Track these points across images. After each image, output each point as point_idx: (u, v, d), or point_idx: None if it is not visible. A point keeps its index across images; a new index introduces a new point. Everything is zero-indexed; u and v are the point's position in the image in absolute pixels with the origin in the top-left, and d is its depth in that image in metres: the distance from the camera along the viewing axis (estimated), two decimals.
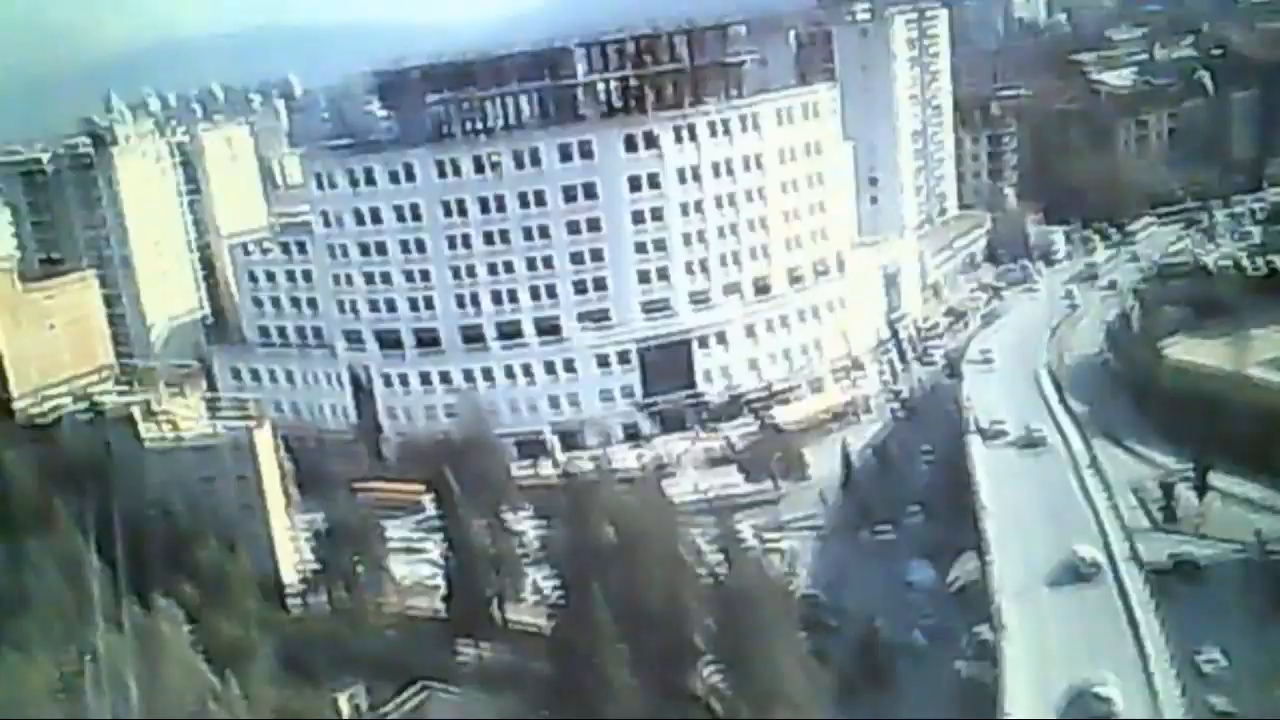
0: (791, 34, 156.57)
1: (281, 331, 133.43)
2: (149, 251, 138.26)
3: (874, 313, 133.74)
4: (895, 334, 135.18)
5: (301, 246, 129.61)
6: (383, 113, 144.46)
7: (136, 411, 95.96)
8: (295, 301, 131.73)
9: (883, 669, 69.89)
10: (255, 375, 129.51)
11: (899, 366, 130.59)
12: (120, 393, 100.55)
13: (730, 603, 65.05)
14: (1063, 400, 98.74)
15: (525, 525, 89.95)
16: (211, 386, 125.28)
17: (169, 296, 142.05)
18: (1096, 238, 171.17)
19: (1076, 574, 67.27)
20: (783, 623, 64.05)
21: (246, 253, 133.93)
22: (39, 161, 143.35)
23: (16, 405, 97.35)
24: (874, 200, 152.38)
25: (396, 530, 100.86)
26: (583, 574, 69.28)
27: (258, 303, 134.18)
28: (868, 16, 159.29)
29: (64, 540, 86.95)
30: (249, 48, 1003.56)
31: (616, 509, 73.17)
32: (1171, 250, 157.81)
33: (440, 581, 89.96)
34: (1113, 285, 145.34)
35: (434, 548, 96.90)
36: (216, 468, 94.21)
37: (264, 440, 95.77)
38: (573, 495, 79.76)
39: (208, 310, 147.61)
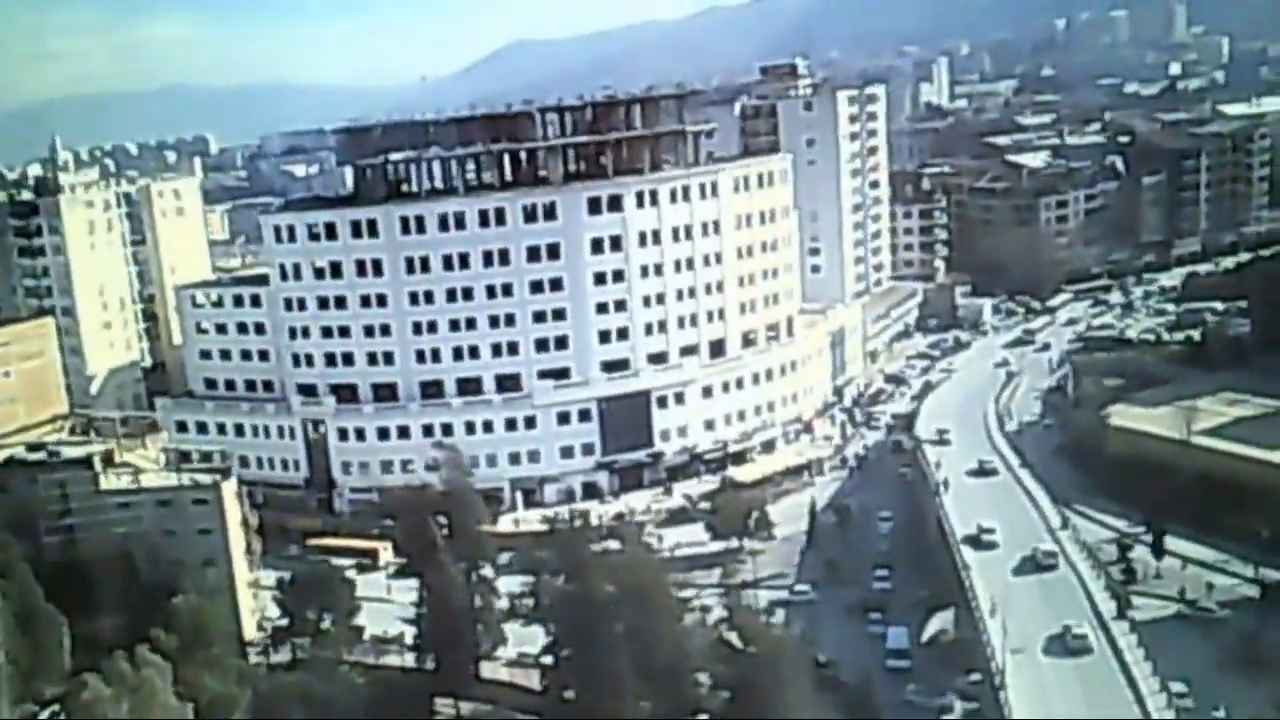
0: (737, 105, 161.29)
1: (229, 384, 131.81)
2: (92, 301, 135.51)
3: (821, 377, 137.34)
4: (842, 398, 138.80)
5: (255, 299, 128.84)
6: (307, 170, 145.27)
7: (97, 461, 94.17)
8: (246, 353, 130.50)
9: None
10: (203, 427, 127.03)
11: (849, 430, 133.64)
12: (78, 442, 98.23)
13: (753, 667, 65.58)
14: (1025, 465, 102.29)
15: (501, 579, 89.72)
16: None
17: (110, 347, 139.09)
18: (1021, 310, 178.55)
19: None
20: (803, 685, 64.91)
21: (195, 304, 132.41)
22: None
23: None
24: (815, 269, 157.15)
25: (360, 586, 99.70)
26: (582, 628, 69.51)
27: (205, 354, 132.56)
28: (810, 91, 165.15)
29: (20, 590, 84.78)
30: (162, 104, 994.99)
31: (613, 562, 73.83)
32: (1095, 324, 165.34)
33: (410, 637, 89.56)
34: (1046, 347, 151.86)
35: (398, 602, 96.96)
36: (179, 520, 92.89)
37: (230, 492, 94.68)
38: (561, 547, 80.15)
39: (148, 362, 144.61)
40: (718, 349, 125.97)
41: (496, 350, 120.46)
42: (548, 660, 79.94)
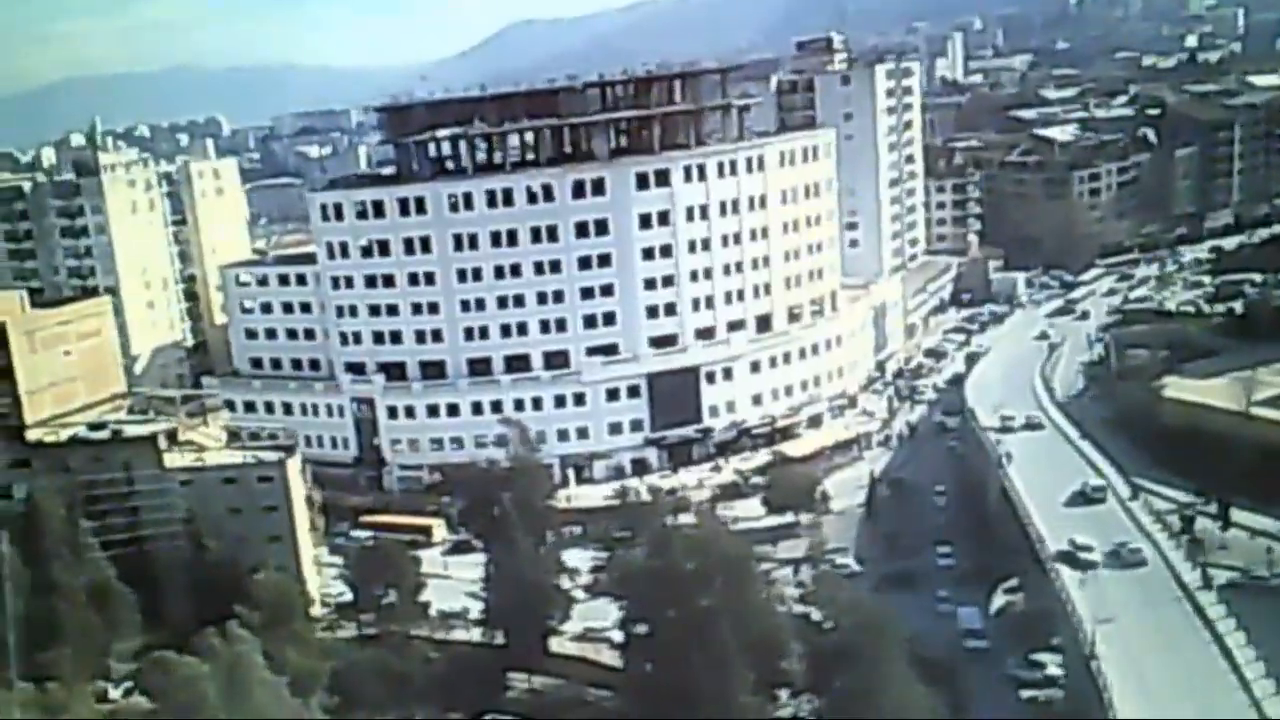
0: (773, 80, 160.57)
1: (275, 363, 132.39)
2: (135, 281, 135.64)
3: (865, 351, 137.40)
4: (884, 373, 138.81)
5: (301, 278, 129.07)
6: (320, 150, 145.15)
7: (162, 439, 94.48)
8: (291, 332, 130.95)
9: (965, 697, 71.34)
10: (250, 406, 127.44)
11: (895, 404, 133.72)
12: (140, 420, 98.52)
13: (846, 640, 65.63)
14: (1086, 437, 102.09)
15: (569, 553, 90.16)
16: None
17: (153, 326, 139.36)
18: (1055, 284, 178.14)
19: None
20: (897, 659, 65.00)
21: (241, 284, 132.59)
22: (18, 190, 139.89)
23: (31, 434, 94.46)
24: (853, 244, 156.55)
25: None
26: (665, 603, 69.66)
27: (250, 333, 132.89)
28: (844, 66, 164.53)
29: (91, 568, 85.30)
30: (167, 87, 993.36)
31: (699, 535, 74.01)
32: (1132, 297, 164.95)
33: (476, 612, 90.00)
34: (1085, 316, 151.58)
35: (455, 578, 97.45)
36: (244, 497, 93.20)
37: (294, 469, 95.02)
38: (636, 521, 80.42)
39: (190, 341, 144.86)
40: (764, 324, 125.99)
41: (545, 327, 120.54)
42: (618, 636, 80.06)
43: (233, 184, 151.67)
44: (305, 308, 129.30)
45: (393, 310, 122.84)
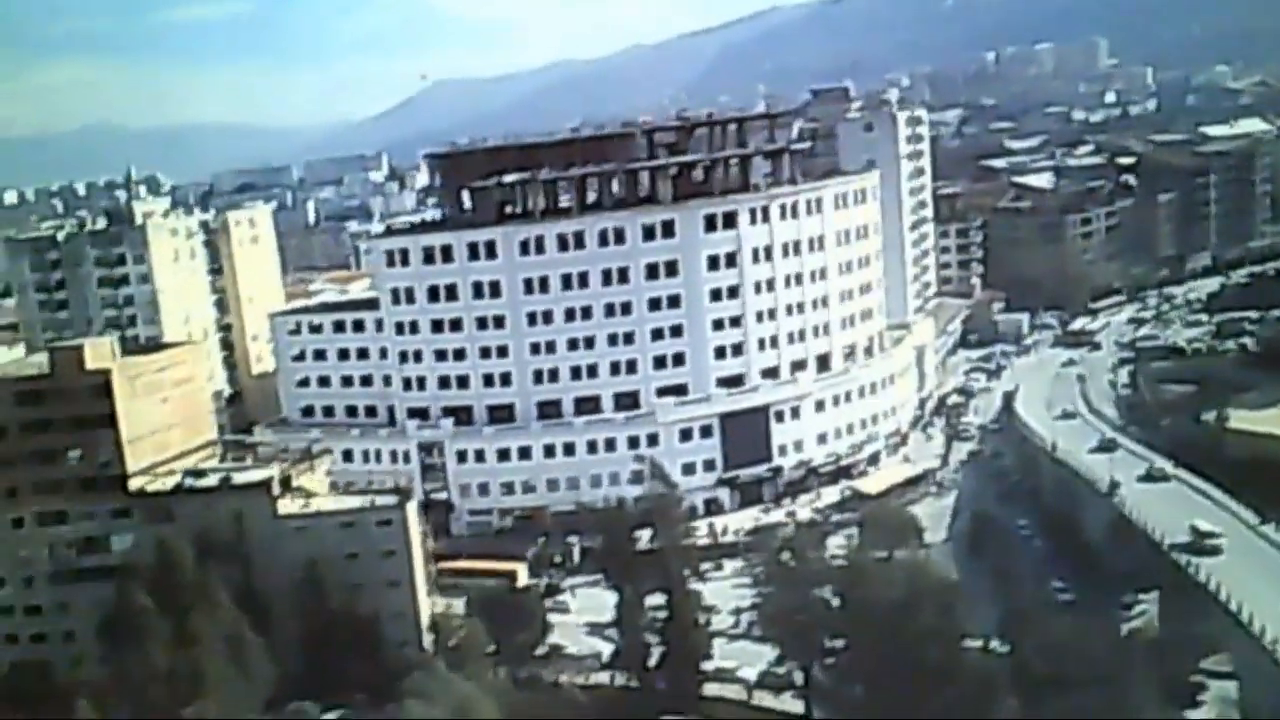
0: (794, 127, 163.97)
1: (327, 410, 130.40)
2: (178, 331, 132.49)
3: (911, 390, 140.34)
4: (937, 409, 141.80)
5: (357, 324, 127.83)
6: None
7: (275, 486, 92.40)
8: (347, 379, 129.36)
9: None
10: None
11: (949, 440, 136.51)
12: (245, 467, 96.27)
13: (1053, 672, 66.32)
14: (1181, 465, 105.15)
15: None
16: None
17: None
18: (1056, 324, 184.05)
19: None
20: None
21: (292, 332, 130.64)
22: (51, 239, 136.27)
23: (132, 483, 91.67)
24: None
25: None
26: (867, 639, 70.00)
27: (303, 382, 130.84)
28: (859, 115, 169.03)
29: (225, 618, 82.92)
30: (80, 147, 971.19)
31: (903, 565, 74.51)
32: (1137, 335, 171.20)
33: (608, 654, 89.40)
34: (1098, 347, 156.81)
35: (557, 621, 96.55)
36: (361, 542, 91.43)
37: (412, 513, 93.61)
38: (796, 555, 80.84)
39: (228, 391, 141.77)
40: (823, 364, 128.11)
41: (615, 369, 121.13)
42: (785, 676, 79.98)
43: (267, 233, 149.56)
44: (361, 354, 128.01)
45: (459, 355, 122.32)
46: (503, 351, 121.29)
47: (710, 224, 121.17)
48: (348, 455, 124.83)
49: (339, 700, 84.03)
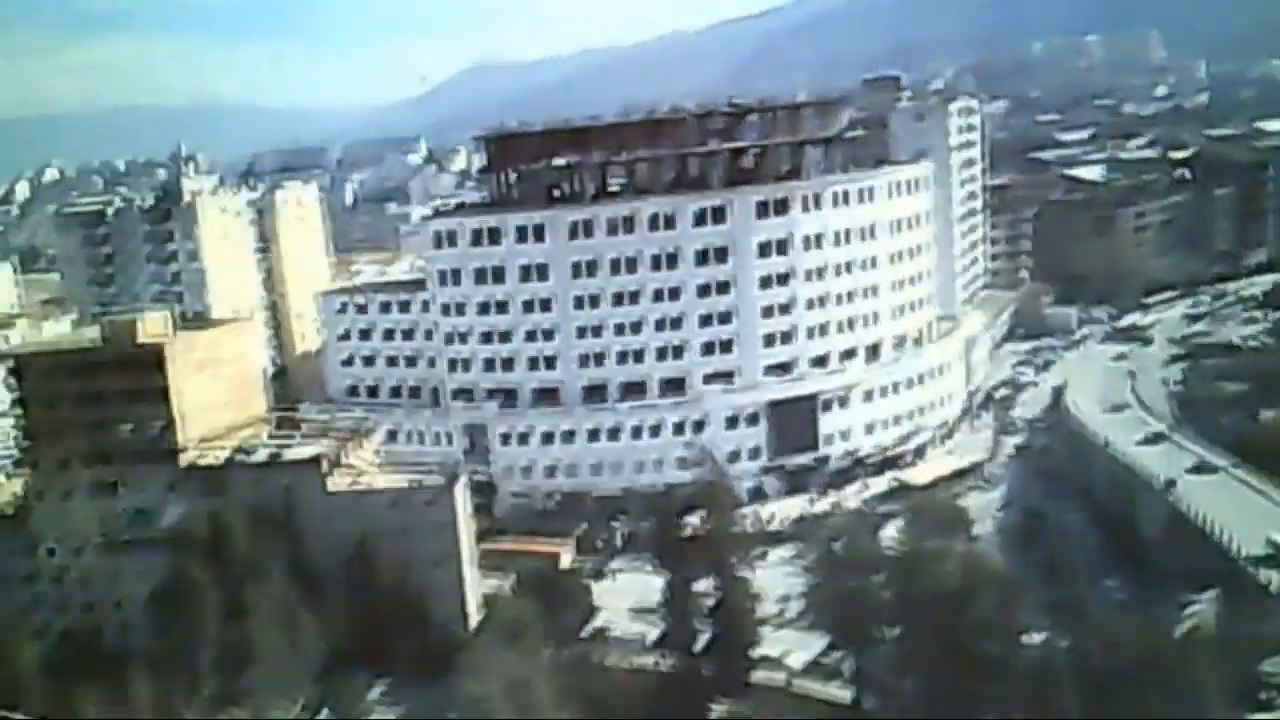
0: (845, 116, 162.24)
1: (372, 390, 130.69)
2: (226, 308, 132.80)
3: (960, 382, 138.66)
4: (985, 402, 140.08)
5: (404, 304, 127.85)
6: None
7: (325, 462, 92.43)
8: (391, 359, 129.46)
9: None
10: None
11: (997, 434, 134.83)
12: (294, 443, 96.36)
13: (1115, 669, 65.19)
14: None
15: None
16: None
17: None
18: (1105, 319, 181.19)
19: None
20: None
21: (341, 310, 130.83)
22: (101, 215, 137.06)
23: (184, 457, 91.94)
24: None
25: None
26: (924, 628, 69.07)
27: (347, 360, 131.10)
28: (910, 104, 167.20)
29: (274, 590, 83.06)
30: (127, 124, 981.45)
31: (961, 553, 73.53)
32: (1189, 332, 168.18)
33: (652, 638, 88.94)
34: (1149, 342, 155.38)
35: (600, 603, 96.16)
36: (409, 520, 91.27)
37: (460, 493, 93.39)
38: (849, 541, 79.97)
39: (271, 369, 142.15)
40: (873, 353, 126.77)
41: (662, 354, 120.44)
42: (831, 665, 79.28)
43: (314, 212, 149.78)
44: (407, 334, 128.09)
45: (506, 337, 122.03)
46: (549, 334, 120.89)
47: (762, 210, 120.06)
48: (392, 435, 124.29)
49: (386, 674, 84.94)
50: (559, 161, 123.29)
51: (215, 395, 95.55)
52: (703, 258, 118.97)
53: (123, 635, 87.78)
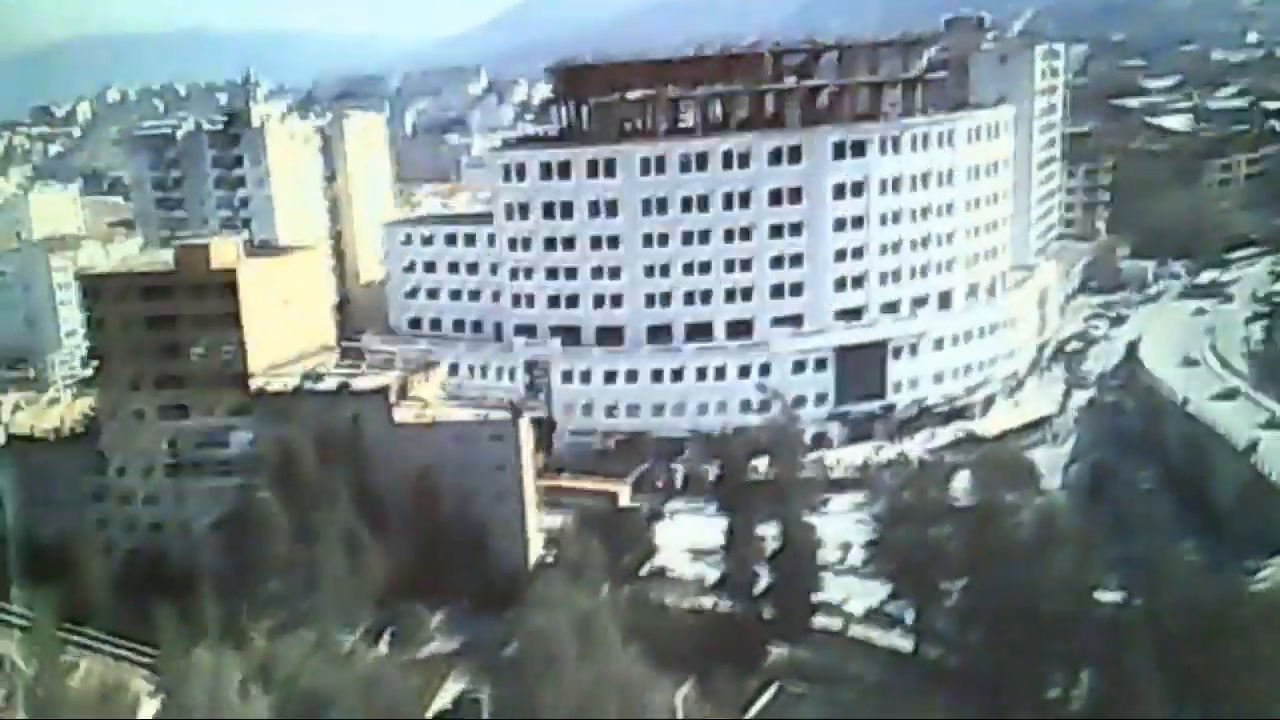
0: (924, 57, 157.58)
1: (434, 323, 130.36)
2: (292, 236, 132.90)
3: (1031, 334, 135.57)
4: (1056, 355, 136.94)
5: (470, 238, 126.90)
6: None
7: (392, 393, 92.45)
8: (455, 292, 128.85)
9: None
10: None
11: (1069, 387, 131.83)
12: (361, 373, 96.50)
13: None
14: None
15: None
16: None
17: None
18: (1183, 273, 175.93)
19: None
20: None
21: (404, 242, 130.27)
22: (169, 138, 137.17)
23: (254, 382, 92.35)
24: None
25: None
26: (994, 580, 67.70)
27: (411, 292, 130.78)
28: (991, 45, 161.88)
29: (340, 517, 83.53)
30: (184, 48, 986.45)
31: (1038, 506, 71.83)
32: (1277, 289, 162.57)
33: (711, 580, 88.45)
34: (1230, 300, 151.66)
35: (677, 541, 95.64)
36: (474, 454, 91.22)
37: (525, 429, 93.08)
38: (918, 492, 78.60)
39: (334, 299, 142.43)
40: (945, 301, 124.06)
41: (730, 295, 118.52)
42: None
43: (380, 141, 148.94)
44: (471, 268, 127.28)
45: (571, 274, 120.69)
46: (615, 273, 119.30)
47: (839, 151, 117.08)
48: (454, 369, 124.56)
49: (446, 604, 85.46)
50: (632, 95, 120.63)
51: (284, 323, 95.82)
52: (776, 198, 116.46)
53: (189, 556, 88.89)
